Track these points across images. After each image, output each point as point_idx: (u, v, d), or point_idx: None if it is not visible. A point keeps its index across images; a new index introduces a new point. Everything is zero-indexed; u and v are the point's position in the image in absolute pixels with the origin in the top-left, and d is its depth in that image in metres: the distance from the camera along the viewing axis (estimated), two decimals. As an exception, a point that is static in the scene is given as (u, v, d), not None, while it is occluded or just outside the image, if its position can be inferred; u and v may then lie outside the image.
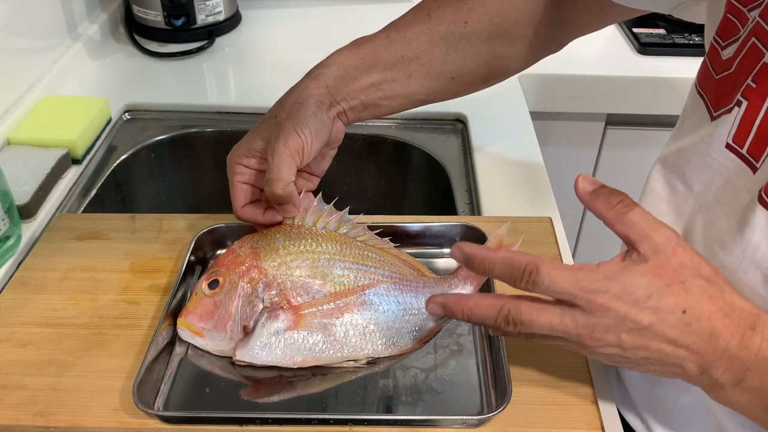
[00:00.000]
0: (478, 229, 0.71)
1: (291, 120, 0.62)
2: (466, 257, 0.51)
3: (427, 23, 0.68)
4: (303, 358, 0.59)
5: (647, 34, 1.21)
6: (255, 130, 0.66)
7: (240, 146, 0.66)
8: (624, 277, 0.47)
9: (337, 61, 0.67)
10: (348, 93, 0.66)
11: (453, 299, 0.52)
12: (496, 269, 0.50)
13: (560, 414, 0.56)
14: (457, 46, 0.68)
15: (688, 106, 0.62)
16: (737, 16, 0.54)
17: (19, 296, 0.66)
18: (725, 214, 0.54)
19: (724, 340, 0.47)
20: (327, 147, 0.68)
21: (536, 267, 0.47)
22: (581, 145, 1.25)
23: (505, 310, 0.49)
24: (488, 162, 0.90)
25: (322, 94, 0.65)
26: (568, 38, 0.73)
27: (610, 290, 0.47)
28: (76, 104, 0.96)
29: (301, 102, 0.64)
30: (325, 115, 0.64)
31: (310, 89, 0.65)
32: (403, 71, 0.68)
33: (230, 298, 0.60)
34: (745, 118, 0.52)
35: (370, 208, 1.03)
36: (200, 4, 1.17)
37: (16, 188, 0.78)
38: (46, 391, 0.57)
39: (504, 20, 0.68)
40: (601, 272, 0.48)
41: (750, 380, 0.47)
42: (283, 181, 0.61)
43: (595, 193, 0.50)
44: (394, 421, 0.55)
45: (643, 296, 0.47)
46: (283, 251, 0.62)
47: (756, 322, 0.47)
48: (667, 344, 0.48)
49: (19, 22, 0.94)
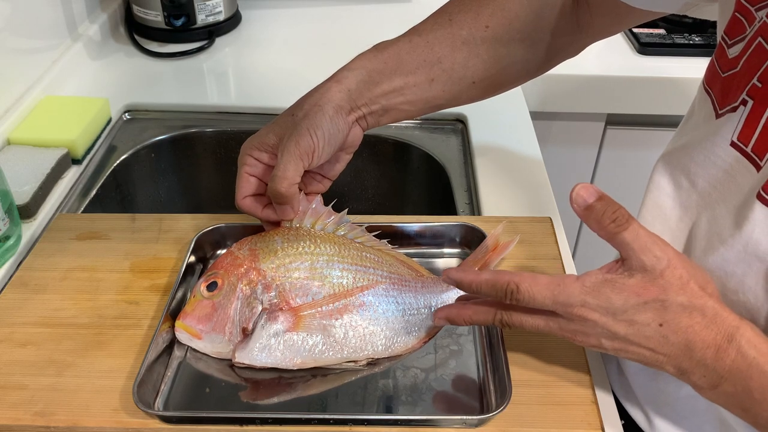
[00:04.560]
0: (478, 229, 0.71)
1: (306, 121, 0.62)
2: (456, 282, 0.56)
3: (448, 28, 0.68)
4: (302, 359, 0.59)
5: (647, 34, 1.21)
6: (271, 126, 0.66)
7: (254, 139, 0.66)
8: (602, 291, 0.50)
9: (360, 65, 0.66)
10: (369, 98, 0.66)
11: (454, 311, 0.57)
12: (483, 290, 0.54)
13: (560, 414, 0.56)
14: (479, 50, 0.68)
15: (695, 104, 0.62)
16: (745, 15, 0.54)
17: (19, 296, 0.66)
18: (728, 211, 0.54)
19: (700, 352, 0.49)
20: (342, 152, 0.68)
21: (516, 285, 0.51)
22: (581, 145, 1.25)
23: (499, 315, 0.55)
24: (488, 162, 0.90)
25: (342, 98, 0.64)
26: (586, 43, 0.74)
27: (587, 304, 0.50)
28: (76, 104, 0.96)
29: (321, 105, 0.63)
30: (342, 121, 0.64)
31: (331, 92, 0.64)
32: (426, 75, 0.68)
33: (229, 300, 0.60)
34: (750, 117, 0.52)
35: (370, 208, 1.04)
36: (200, 4, 1.17)
37: (16, 188, 0.78)
38: (46, 391, 0.57)
39: (524, 25, 0.68)
40: (580, 285, 0.50)
41: (725, 387, 0.49)
42: (288, 180, 0.61)
43: (590, 209, 0.51)
44: (394, 421, 0.55)
45: (619, 310, 0.50)
46: (281, 253, 0.62)
47: (734, 334, 0.48)
48: (646, 350, 0.51)
49: (19, 22, 0.94)
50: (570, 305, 0.50)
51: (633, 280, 0.49)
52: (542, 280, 0.51)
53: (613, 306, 0.49)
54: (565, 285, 0.50)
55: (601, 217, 0.50)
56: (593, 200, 0.50)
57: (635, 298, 0.49)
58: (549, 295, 0.51)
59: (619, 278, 0.49)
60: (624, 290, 0.49)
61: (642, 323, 0.49)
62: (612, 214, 0.49)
